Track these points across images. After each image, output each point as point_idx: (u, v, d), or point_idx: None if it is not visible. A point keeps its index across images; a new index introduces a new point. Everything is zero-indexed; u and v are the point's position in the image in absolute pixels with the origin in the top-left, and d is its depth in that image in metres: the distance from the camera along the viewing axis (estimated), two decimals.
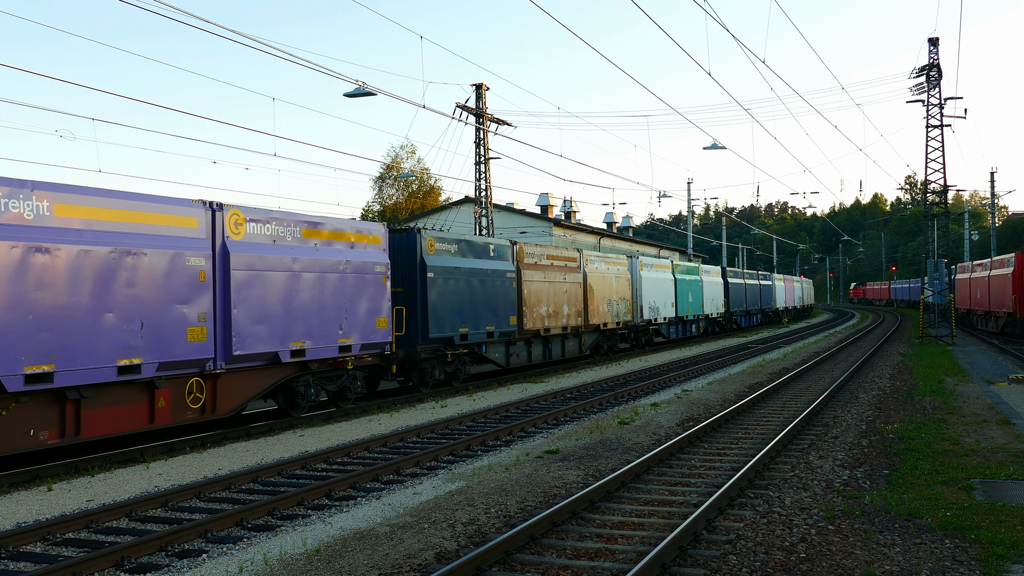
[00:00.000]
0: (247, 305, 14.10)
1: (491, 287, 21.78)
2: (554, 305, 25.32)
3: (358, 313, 16.60)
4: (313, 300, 15.49)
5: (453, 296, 20.08)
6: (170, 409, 12.98)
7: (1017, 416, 14.91)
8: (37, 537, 8.45)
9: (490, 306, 21.62)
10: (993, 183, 60.82)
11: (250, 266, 14.20)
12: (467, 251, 21.17)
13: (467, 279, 20.72)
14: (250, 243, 14.34)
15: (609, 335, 30.43)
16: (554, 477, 10.67)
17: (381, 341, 17.29)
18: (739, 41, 20.45)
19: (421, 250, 19.24)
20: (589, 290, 27.83)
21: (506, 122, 34.26)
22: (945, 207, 38.07)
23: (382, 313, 17.33)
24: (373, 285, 17.04)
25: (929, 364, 25.46)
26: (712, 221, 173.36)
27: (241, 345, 13.94)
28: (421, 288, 19.12)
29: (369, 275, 16.94)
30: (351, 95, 24.59)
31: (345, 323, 16.22)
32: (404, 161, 72.40)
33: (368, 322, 16.88)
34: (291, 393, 15.67)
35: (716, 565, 7.09)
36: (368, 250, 17.21)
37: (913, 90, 37.38)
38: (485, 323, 21.39)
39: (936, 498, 9.18)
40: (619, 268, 30.99)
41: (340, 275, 16.18)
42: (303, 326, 15.21)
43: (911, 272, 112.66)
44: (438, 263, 19.64)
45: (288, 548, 7.85)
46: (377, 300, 17.17)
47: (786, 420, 14.82)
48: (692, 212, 58.74)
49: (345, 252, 16.47)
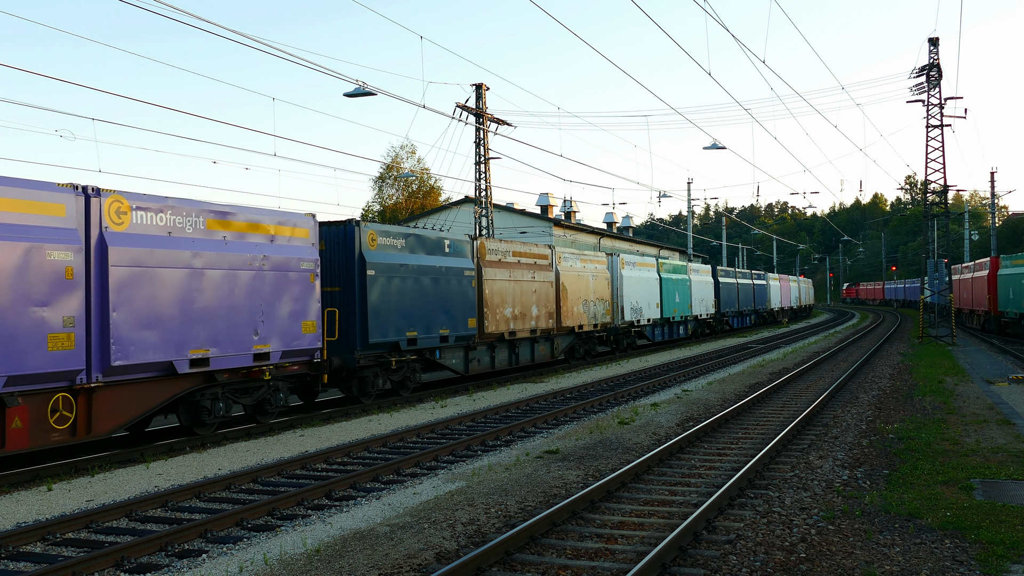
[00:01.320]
0: (131, 308, 12.16)
1: (446, 286, 19.94)
2: (521, 306, 23.48)
3: (278, 316, 14.68)
4: (220, 302, 13.59)
5: (399, 296, 18.23)
6: (28, 431, 10.97)
7: (1017, 416, 14.92)
8: (37, 537, 8.45)
9: (444, 307, 19.83)
10: (993, 183, 60.84)
11: (136, 262, 12.26)
12: (417, 246, 19.31)
13: (416, 277, 18.87)
14: (137, 235, 12.37)
15: (586, 338, 28.65)
16: (554, 477, 10.67)
17: (308, 347, 15.38)
18: (739, 41, 20.46)
19: (360, 245, 17.33)
20: (562, 290, 26.09)
21: (506, 122, 34.27)
22: (945, 207, 38.07)
23: (309, 316, 15.37)
24: (298, 284, 15.13)
25: (929, 364, 25.46)
26: (712, 221, 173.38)
27: (123, 354, 11.98)
28: (360, 287, 17.26)
29: (293, 273, 15.02)
30: (351, 95, 24.59)
31: (262, 328, 14.32)
32: (404, 161, 72.44)
33: (291, 326, 14.95)
34: (195, 408, 13.75)
35: (716, 565, 7.09)
36: (293, 244, 15.22)
37: (913, 90, 37.39)
38: (438, 326, 19.57)
39: (936, 498, 9.18)
40: (597, 266, 29.29)
41: (256, 273, 14.26)
42: (206, 331, 13.32)
43: (911, 272, 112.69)
44: (381, 259, 17.77)
45: (288, 548, 7.85)
46: (303, 301, 15.22)
47: (786, 420, 14.82)
48: (692, 212, 58.74)
49: (263, 246, 14.52)
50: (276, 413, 15.48)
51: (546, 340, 25.38)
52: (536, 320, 24.26)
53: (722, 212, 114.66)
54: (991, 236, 60.51)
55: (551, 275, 25.53)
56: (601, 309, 29.00)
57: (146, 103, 19.21)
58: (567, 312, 26.34)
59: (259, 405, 15.09)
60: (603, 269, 29.67)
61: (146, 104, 30.57)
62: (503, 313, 22.56)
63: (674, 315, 37.18)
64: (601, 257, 30.04)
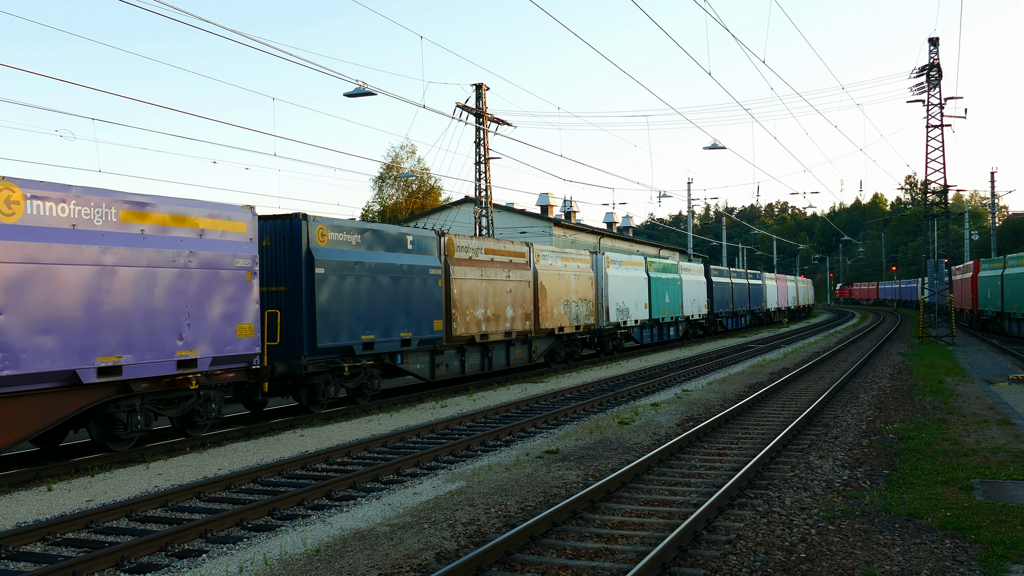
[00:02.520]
0: (23, 310, 10.88)
1: (408, 286, 18.49)
2: (494, 307, 22.02)
3: (208, 319, 13.36)
4: (136, 303, 12.24)
5: (354, 297, 16.82)
6: None
7: (1017, 416, 14.92)
8: (37, 537, 8.45)
9: (406, 308, 18.40)
10: (993, 183, 60.90)
11: (30, 258, 10.96)
12: (375, 242, 17.82)
13: (374, 276, 17.41)
14: (31, 227, 11.03)
15: (567, 341, 27.15)
16: (554, 477, 10.67)
17: (245, 353, 14.06)
18: (739, 41, 20.48)
19: (308, 240, 15.97)
20: (540, 289, 24.61)
21: (506, 122, 34.29)
22: (945, 207, 38.08)
23: (245, 318, 14.02)
24: (233, 283, 13.80)
25: (929, 364, 25.47)
26: (712, 221, 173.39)
27: (12, 363, 10.71)
28: (308, 287, 15.85)
29: (226, 271, 13.69)
30: (351, 95, 24.60)
31: (188, 331, 12.98)
32: (404, 161, 72.45)
33: (224, 330, 13.63)
34: (108, 421, 12.39)
35: (716, 565, 7.10)
36: (226, 240, 13.83)
37: (913, 90, 37.42)
38: (399, 329, 18.13)
39: (936, 498, 9.18)
40: (579, 265, 27.77)
41: (180, 271, 12.93)
42: (118, 336, 11.96)
43: (911, 272, 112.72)
44: (332, 256, 16.39)
45: (288, 548, 7.85)
46: (238, 302, 13.90)
47: (786, 420, 14.82)
48: (692, 212, 58.76)
49: (190, 242, 13.15)
50: (209, 426, 14.21)
51: (523, 343, 24.00)
52: (511, 322, 22.83)
53: (722, 212, 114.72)
54: (991, 236, 60.53)
55: (528, 274, 24.13)
56: (584, 310, 27.57)
57: (146, 103, 19.23)
58: (546, 313, 24.93)
59: (187, 417, 13.72)
60: (586, 268, 28.28)
61: (146, 104, 30.59)
62: (474, 314, 21.17)
63: (664, 316, 35.74)
64: (584, 256, 28.70)
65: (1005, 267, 37.30)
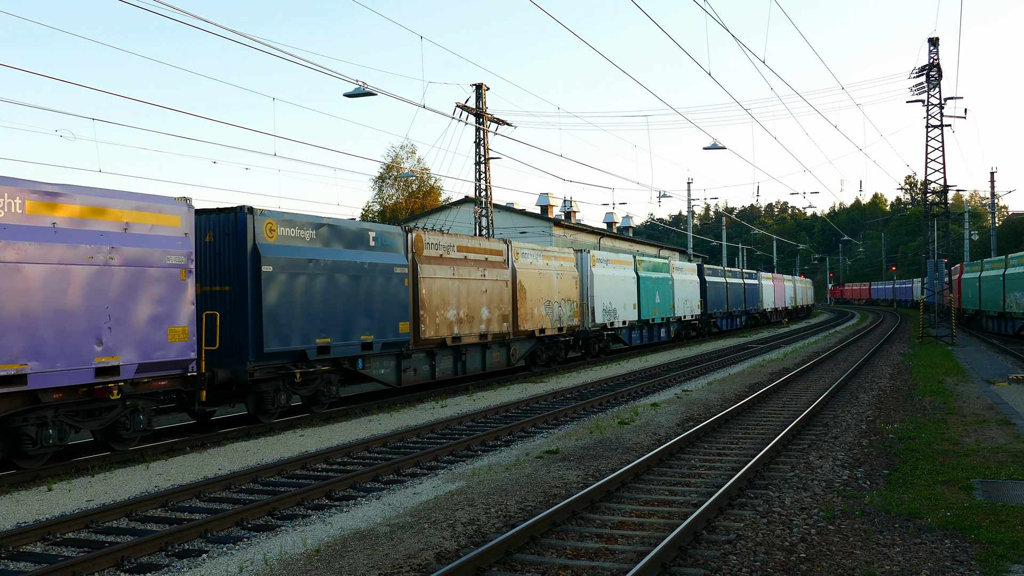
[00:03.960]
0: None
1: (370, 285, 17.31)
2: (468, 308, 20.83)
3: (133, 322, 12.13)
4: (45, 304, 11.06)
5: (307, 297, 15.71)
6: None
7: (1017, 416, 14.92)
8: (37, 537, 8.45)
9: (368, 310, 17.21)
10: (993, 183, 60.87)
11: None
12: (332, 239, 16.64)
13: (330, 275, 16.24)
14: None
15: (549, 343, 25.88)
16: (554, 477, 10.68)
17: (177, 359, 12.82)
18: (739, 41, 20.47)
19: (255, 236, 14.79)
20: (519, 289, 23.42)
21: (506, 122, 34.29)
22: (945, 207, 38.09)
23: (178, 321, 12.81)
24: (163, 282, 12.58)
25: (929, 364, 25.48)
26: (712, 221, 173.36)
27: None
28: (254, 286, 14.70)
29: (156, 269, 12.46)
30: (351, 95, 24.61)
31: (109, 336, 11.75)
32: (404, 161, 72.47)
33: (153, 333, 12.41)
34: (13, 436, 11.23)
35: (716, 565, 7.10)
36: (156, 234, 12.63)
37: (913, 90, 37.41)
38: (359, 331, 16.95)
39: (936, 498, 9.18)
40: (562, 264, 26.65)
41: (100, 269, 11.69)
42: (22, 341, 10.81)
43: (911, 272, 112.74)
44: (282, 253, 15.23)
45: (288, 548, 7.85)
46: (170, 303, 12.69)
47: (786, 420, 14.83)
48: (692, 212, 58.77)
49: (112, 236, 11.93)
50: (137, 440, 12.98)
51: (500, 346, 22.81)
52: (487, 323, 21.61)
53: (722, 212, 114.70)
54: (991, 236, 60.52)
55: (506, 273, 22.87)
56: (567, 311, 26.42)
57: (146, 103, 19.24)
58: (525, 314, 23.73)
59: (111, 430, 12.51)
60: (570, 267, 27.18)
61: (146, 104, 30.59)
62: (445, 316, 19.95)
63: (654, 316, 34.54)
64: (568, 254, 27.61)
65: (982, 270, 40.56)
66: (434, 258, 19.95)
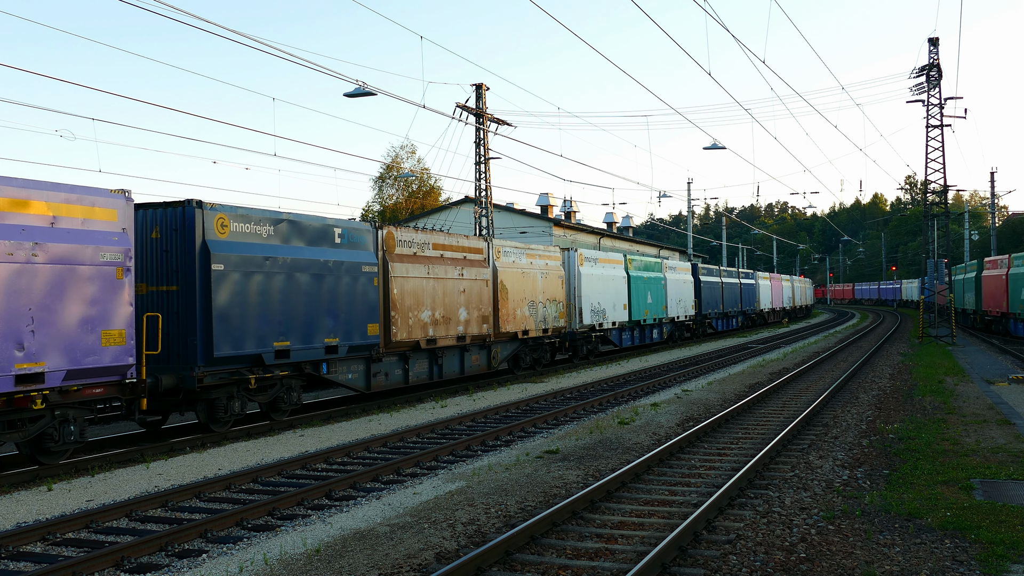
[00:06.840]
0: None
1: (335, 285, 16.34)
2: (444, 309, 19.86)
3: (60, 324, 11.14)
4: None
5: (263, 297, 14.71)
6: None
7: (1017, 416, 14.92)
8: (37, 537, 8.45)
9: (332, 311, 16.24)
10: (993, 183, 60.90)
11: None
12: (292, 235, 15.62)
13: (289, 274, 15.26)
14: None
15: (534, 345, 24.83)
16: (554, 477, 10.68)
17: (113, 365, 11.82)
18: (739, 41, 20.47)
19: (204, 231, 13.86)
20: (501, 289, 22.48)
21: (506, 122, 34.29)
22: (945, 207, 38.09)
23: (114, 323, 11.80)
24: (96, 282, 11.61)
25: (929, 364, 25.48)
26: (712, 221, 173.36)
27: None
28: (203, 286, 13.75)
29: (87, 267, 11.50)
30: (351, 95, 24.61)
31: (32, 340, 10.77)
32: (404, 161, 72.47)
33: (84, 337, 11.41)
34: None
35: (716, 565, 7.10)
36: (88, 229, 11.62)
37: (913, 90, 37.42)
38: (323, 334, 15.97)
39: (936, 498, 9.18)
40: (548, 262, 25.66)
41: (21, 267, 10.69)
42: None
43: (911, 272, 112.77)
44: (234, 251, 14.26)
45: (288, 548, 7.86)
46: (104, 304, 11.69)
47: (786, 420, 14.83)
48: (692, 212, 58.78)
49: (35, 231, 10.91)
50: (69, 452, 11.98)
51: (480, 348, 21.84)
52: (465, 325, 20.68)
53: (722, 212, 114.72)
54: (991, 236, 60.54)
55: (486, 272, 21.90)
56: (553, 311, 25.43)
57: (146, 103, 19.23)
58: (507, 315, 22.78)
59: (37, 442, 11.50)
60: (556, 266, 26.17)
61: (146, 104, 30.60)
62: (419, 317, 18.97)
63: (645, 317, 33.50)
64: (554, 252, 26.57)
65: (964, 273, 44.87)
66: (407, 256, 18.97)
